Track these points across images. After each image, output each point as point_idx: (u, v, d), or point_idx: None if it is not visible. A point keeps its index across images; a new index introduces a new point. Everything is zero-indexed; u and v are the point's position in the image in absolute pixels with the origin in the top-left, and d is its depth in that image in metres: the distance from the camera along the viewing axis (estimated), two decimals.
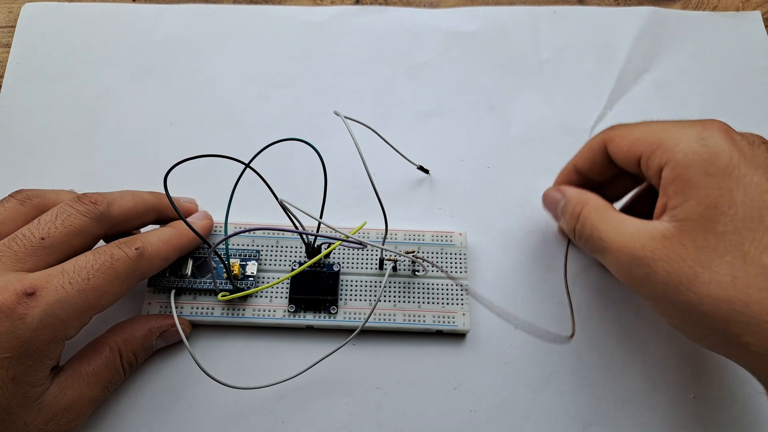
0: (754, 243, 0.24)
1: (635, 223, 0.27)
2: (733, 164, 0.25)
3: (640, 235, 0.27)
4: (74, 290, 0.26)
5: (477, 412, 0.33)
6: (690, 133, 0.27)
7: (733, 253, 0.24)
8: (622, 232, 0.27)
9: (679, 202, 0.26)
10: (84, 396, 0.29)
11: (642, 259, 0.26)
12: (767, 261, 0.24)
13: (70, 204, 0.29)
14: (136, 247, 0.29)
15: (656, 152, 0.27)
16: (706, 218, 0.25)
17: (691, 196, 0.25)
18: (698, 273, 0.24)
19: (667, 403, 0.33)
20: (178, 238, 0.32)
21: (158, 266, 0.31)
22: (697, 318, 0.25)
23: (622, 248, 0.27)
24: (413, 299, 0.34)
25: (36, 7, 0.43)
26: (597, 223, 0.29)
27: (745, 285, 0.24)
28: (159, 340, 0.32)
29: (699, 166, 0.25)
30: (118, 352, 0.31)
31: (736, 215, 0.24)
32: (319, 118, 0.41)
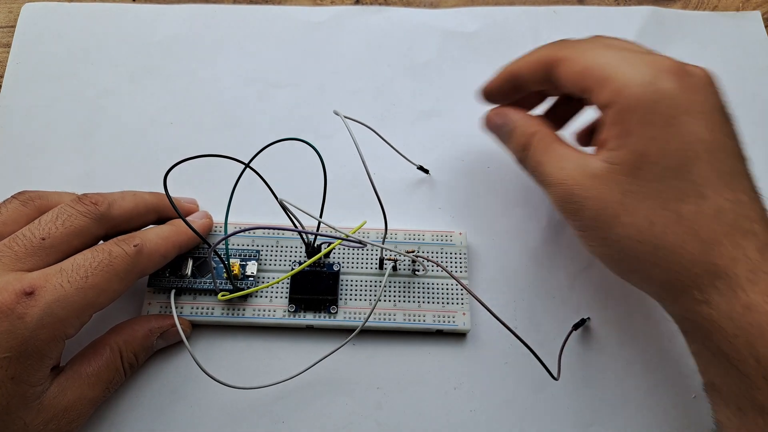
0: (675, 191, 0.25)
1: (574, 158, 0.29)
2: (673, 113, 0.26)
3: (576, 171, 0.28)
4: (73, 289, 0.26)
5: (477, 412, 0.33)
6: (639, 72, 0.26)
7: (654, 199, 0.26)
8: (563, 167, 0.29)
9: (615, 146, 0.27)
10: (84, 396, 0.29)
11: (575, 195, 0.28)
12: (684, 209, 0.25)
13: (70, 204, 0.29)
14: (134, 244, 0.29)
15: (603, 90, 0.27)
16: (635, 165, 0.26)
17: (626, 143, 0.26)
18: (620, 215, 0.26)
19: (667, 403, 0.33)
20: (177, 236, 0.32)
21: (157, 263, 0.31)
22: (616, 254, 0.27)
23: (560, 183, 0.28)
24: (413, 299, 0.34)
25: (36, 7, 0.43)
26: (541, 156, 0.30)
27: (660, 230, 0.26)
28: (159, 341, 0.32)
29: (642, 113, 0.26)
30: (118, 352, 0.31)
31: (664, 164, 0.26)
32: (319, 118, 0.41)
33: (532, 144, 0.31)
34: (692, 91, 0.26)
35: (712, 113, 0.26)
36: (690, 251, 0.25)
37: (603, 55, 0.28)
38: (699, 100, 0.26)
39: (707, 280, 0.25)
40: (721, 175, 0.25)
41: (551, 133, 0.31)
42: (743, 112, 0.41)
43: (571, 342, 0.34)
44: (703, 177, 0.25)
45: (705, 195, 0.25)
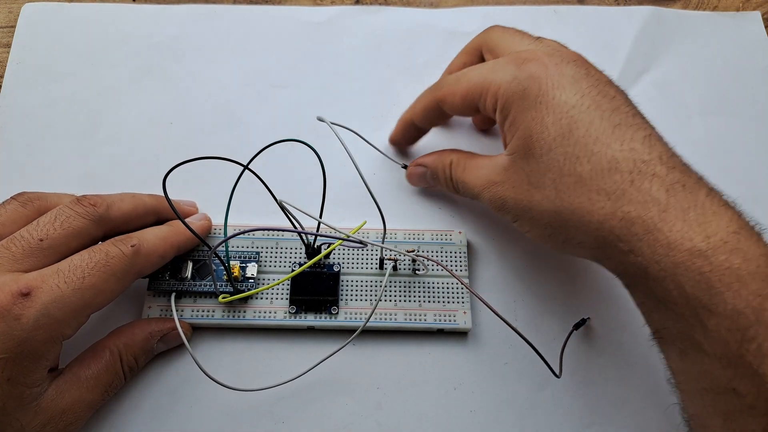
0: (567, 156, 0.27)
1: (486, 162, 0.32)
2: (542, 92, 0.28)
3: (490, 174, 0.31)
4: (69, 289, 0.26)
5: (477, 412, 0.33)
6: (506, 72, 0.30)
7: (553, 170, 0.28)
8: (479, 175, 0.32)
9: (510, 137, 0.30)
10: (82, 399, 0.29)
11: (496, 194, 0.31)
12: (580, 170, 0.27)
13: (69, 206, 0.29)
14: (132, 244, 0.29)
15: (486, 98, 0.30)
16: (526, 147, 0.29)
17: (515, 132, 0.29)
18: (532, 193, 0.29)
19: (667, 403, 0.33)
20: (175, 236, 0.32)
21: (155, 263, 0.31)
22: (545, 231, 0.29)
23: (483, 189, 0.31)
24: (414, 298, 0.34)
25: (36, 7, 0.43)
26: (461, 176, 0.33)
27: (568, 196, 0.27)
28: (160, 344, 0.32)
29: (516, 103, 0.29)
30: (118, 355, 0.31)
31: (549, 136, 0.28)
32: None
33: (451, 173, 0.34)
34: (554, 69, 0.29)
35: (577, 81, 0.28)
36: (601, 207, 0.26)
37: (472, 73, 0.32)
38: (562, 73, 0.28)
39: (625, 230, 0.26)
40: (605, 130, 0.27)
41: (464, 154, 0.34)
42: (743, 112, 0.42)
43: (571, 342, 0.34)
44: (587, 136, 0.27)
45: (595, 152, 0.26)
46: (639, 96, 0.41)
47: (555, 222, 0.28)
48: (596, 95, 0.28)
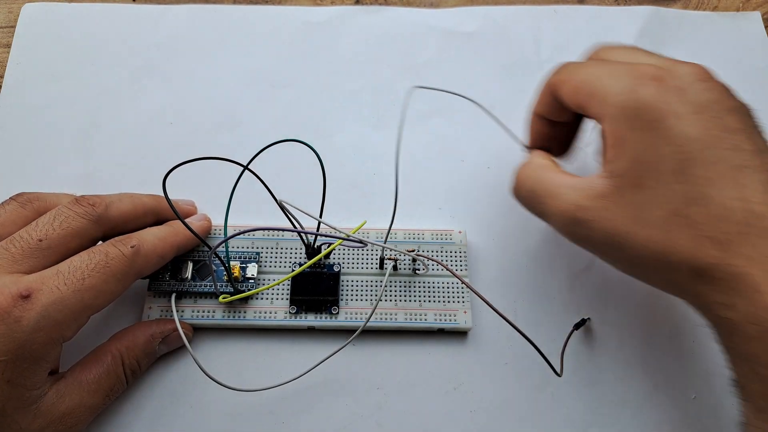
0: (681, 196, 0.25)
1: (573, 183, 0.28)
2: (659, 117, 0.26)
3: (578, 196, 0.27)
4: (69, 291, 0.26)
5: (477, 412, 0.33)
6: (621, 82, 0.27)
7: (664, 207, 0.25)
8: (560, 194, 0.28)
9: (614, 157, 0.27)
10: (83, 404, 0.28)
11: (581, 220, 0.27)
12: (693, 213, 0.25)
13: (68, 206, 0.29)
14: (131, 245, 0.29)
15: (592, 104, 0.28)
16: (636, 174, 0.26)
17: (623, 151, 0.26)
18: (635, 230, 0.26)
19: (667, 404, 0.33)
20: (174, 236, 0.32)
21: (155, 264, 0.31)
22: (637, 268, 0.27)
23: (562, 211, 0.28)
24: (414, 298, 0.34)
25: (36, 7, 0.43)
26: (532, 184, 0.30)
27: (676, 238, 0.25)
28: (162, 346, 0.32)
29: (628, 121, 0.26)
30: (120, 359, 0.30)
31: (664, 168, 0.25)
32: (319, 118, 0.41)
33: (521, 173, 0.31)
34: (675, 93, 0.26)
35: (701, 110, 0.26)
36: (706, 254, 0.24)
37: (591, 70, 0.29)
38: (684, 100, 0.26)
39: (727, 284, 0.24)
40: (723, 173, 0.25)
41: (547, 162, 0.31)
42: None
43: (571, 342, 0.34)
44: (703, 178, 0.25)
45: (709, 196, 0.25)
46: None
47: (655, 263, 0.26)
48: (718, 131, 0.25)
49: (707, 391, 0.33)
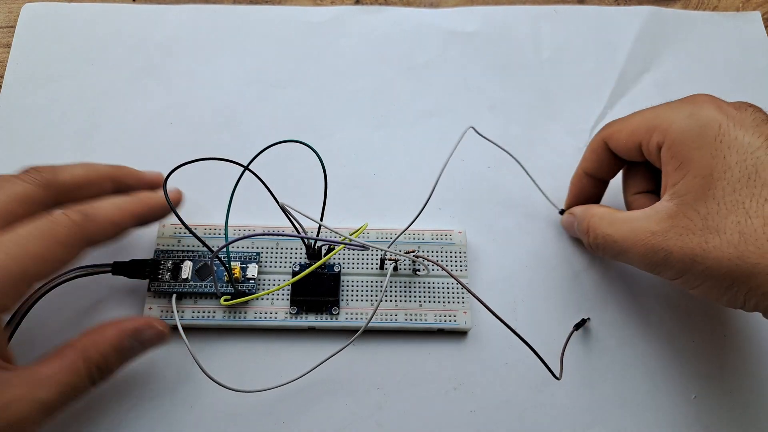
0: (754, 198, 0.25)
1: (639, 215, 0.29)
2: (722, 131, 0.27)
3: (648, 223, 0.28)
4: (9, 258, 0.25)
5: (477, 412, 0.33)
6: (681, 111, 0.28)
7: (736, 212, 0.25)
8: (632, 228, 0.29)
9: (679, 178, 0.27)
10: (32, 397, 0.25)
11: (656, 246, 0.27)
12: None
13: (14, 174, 0.28)
14: (82, 211, 0.28)
15: (653, 136, 0.29)
16: (704, 187, 0.26)
17: (688, 170, 0.27)
18: (708, 239, 0.26)
19: (668, 404, 0.33)
20: (135, 205, 0.30)
21: (110, 232, 0.29)
22: (722, 283, 0.26)
23: (636, 243, 0.28)
24: (414, 298, 0.34)
25: (36, 7, 0.43)
26: (605, 229, 0.31)
27: (754, 238, 0.25)
28: (135, 343, 0.29)
29: (692, 140, 0.27)
30: (83, 354, 0.27)
31: (732, 177, 0.26)
32: (319, 119, 0.41)
33: (593, 224, 0.32)
34: (733, 111, 0.27)
35: (759, 125, 0.27)
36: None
37: (644, 113, 0.30)
38: (742, 116, 0.27)
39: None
40: None
41: (609, 208, 0.32)
42: None
43: (571, 342, 0.34)
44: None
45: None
46: (639, 96, 0.42)
47: (736, 271, 0.25)
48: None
49: (707, 392, 0.33)
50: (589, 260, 0.37)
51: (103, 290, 0.34)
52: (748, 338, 0.35)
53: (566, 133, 0.41)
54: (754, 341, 0.35)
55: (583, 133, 0.41)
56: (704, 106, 0.28)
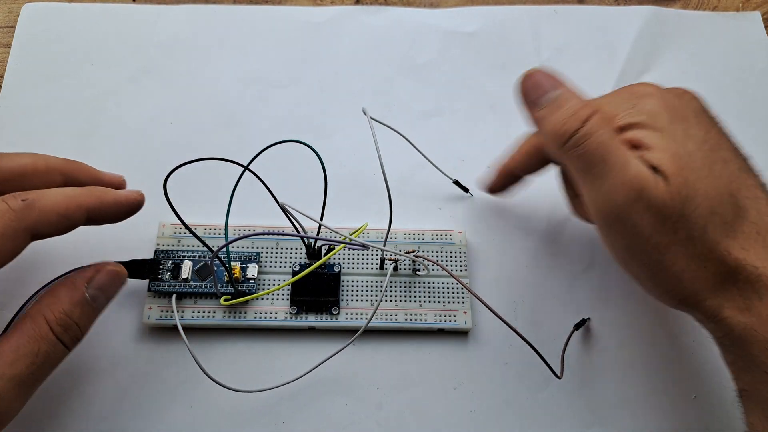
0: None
1: (639, 162, 0.25)
2: (687, 115, 0.26)
3: (648, 175, 0.25)
4: None
5: (477, 412, 0.33)
6: (624, 104, 0.27)
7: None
8: (628, 164, 0.25)
9: (647, 154, 0.25)
10: (2, 375, 0.24)
11: (647, 201, 0.24)
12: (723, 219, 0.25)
13: None
14: (23, 198, 0.26)
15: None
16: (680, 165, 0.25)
17: (655, 146, 0.25)
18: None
19: (668, 404, 0.33)
20: (84, 196, 0.28)
21: (55, 223, 0.27)
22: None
23: (625, 183, 0.24)
24: (415, 298, 0.34)
25: (36, 7, 0.43)
26: (608, 140, 0.25)
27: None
28: (97, 293, 0.28)
29: (657, 117, 0.26)
30: (42, 318, 0.26)
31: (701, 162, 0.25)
32: (319, 119, 0.41)
33: (597, 123, 0.25)
34: (674, 102, 0.27)
35: (699, 115, 0.27)
36: (737, 255, 0.25)
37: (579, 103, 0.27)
38: (682, 106, 0.27)
39: (749, 285, 0.25)
40: (732, 173, 0.26)
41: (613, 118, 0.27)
42: (742, 113, 0.42)
43: (571, 342, 0.34)
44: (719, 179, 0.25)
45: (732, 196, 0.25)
46: None
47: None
48: (718, 135, 0.27)
49: (707, 392, 0.33)
50: (590, 260, 0.37)
51: None
52: None
53: None
54: None
55: None
56: (646, 100, 0.27)
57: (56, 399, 0.32)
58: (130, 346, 0.33)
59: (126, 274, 0.30)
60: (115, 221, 0.30)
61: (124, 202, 0.30)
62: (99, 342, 0.33)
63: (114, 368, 0.33)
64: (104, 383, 0.32)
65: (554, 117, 0.26)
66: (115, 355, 0.33)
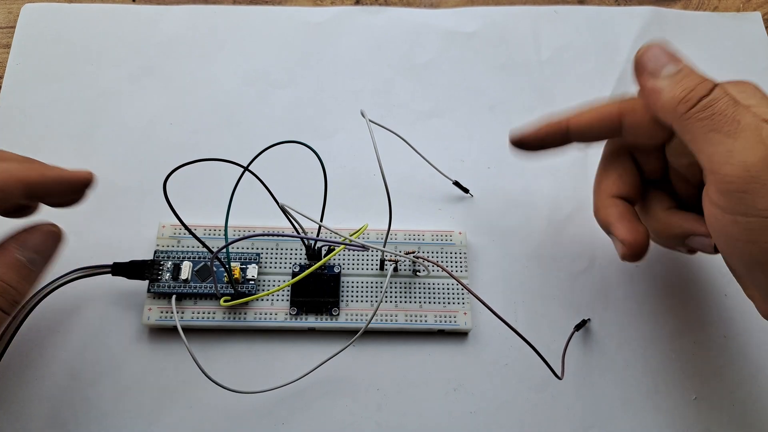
0: None
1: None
2: None
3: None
4: None
5: (477, 413, 0.33)
6: (740, 89, 0.26)
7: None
8: (761, 127, 0.24)
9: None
10: None
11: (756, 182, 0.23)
12: None
13: None
14: None
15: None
16: None
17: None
18: None
19: (668, 405, 0.33)
20: (21, 170, 0.26)
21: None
22: None
23: (761, 142, 0.23)
24: (415, 299, 0.34)
25: (36, 7, 0.43)
26: (736, 105, 0.25)
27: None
28: (30, 254, 0.26)
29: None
30: None
31: None
32: (319, 119, 0.41)
33: (719, 92, 0.25)
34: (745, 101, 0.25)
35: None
36: None
37: None
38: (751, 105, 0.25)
39: None
40: None
41: None
42: None
43: (572, 343, 0.34)
44: None
45: None
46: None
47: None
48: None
49: (708, 392, 0.33)
50: (590, 261, 0.37)
51: (102, 291, 0.34)
52: (749, 339, 0.35)
53: None
54: (754, 342, 0.35)
55: None
56: (754, 89, 0.26)
57: (56, 399, 0.32)
58: (129, 347, 0.33)
59: (62, 234, 0.28)
60: (65, 202, 0.29)
61: (68, 177, 0.28)
62: (99, 343, 0.33)
63: (114, 369, 0.33)
64: (104, 384, 0.32)
65: (679, 84, 0.26)
66: (115, 356, 0.33)
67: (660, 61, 0.27)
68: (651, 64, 0.28)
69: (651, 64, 0.28)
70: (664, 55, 0.28)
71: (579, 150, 0.38)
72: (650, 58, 0.28)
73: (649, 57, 0.28)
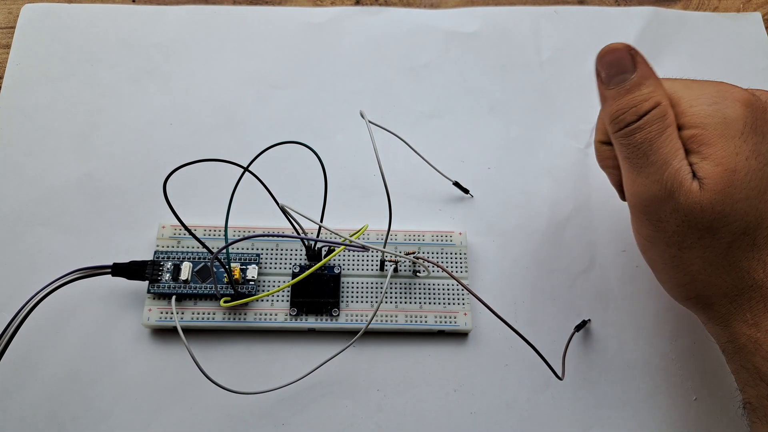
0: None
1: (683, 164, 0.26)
2: (746, 131, 0.25)
3: (685, 179, 0.25)
4: None
5: (477, 414, 0.33)
6: (706, 99, 0.26)
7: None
8: (668, 164, 0.26)
9: (696, 161, 0.26)
10: None
11: (676, 204, 0.25)
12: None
13: None
14: None
15: (675, 112, 0.27)
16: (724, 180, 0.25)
17: (707, 155, 0.25)
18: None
19: (668, 405, 0.33)
20: None
21: None
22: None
23: (658, 182, 0.26)
24: (415, 300, 0.34)
25: (36, 8, 0.43)
26: (655, 137, 0.26)
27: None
28: None
29: (713, 127, 0.25)
30: None
31: (751, 184, 0.25)
32: (319, 119, 0.41)
33: (649, 118, 0.26)
34: (758, 112, 0.26)
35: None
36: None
37: (667, 84, 0.28)
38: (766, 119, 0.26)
39: (762, 303, 0.25)
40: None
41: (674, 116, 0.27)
42: None
43: (571, 344, 0.34)
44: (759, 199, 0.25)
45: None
46: None
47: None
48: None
49: (708, 393, 0.33)
50: (590, 261, 0.37)
51: (102, 292, 0.34)
52: None
53: (566, 133, 0.41)
54: None
55: (584, 133, 0.41)
56: (729, 99, 0.26)
57: (56, 400, 0.32)
58: (129, 348, 0.33)
59: None
60: None
61: None
62: (99, 343, 0.33)
63: (113, 369, 0.33)
64: (104, 384, 0.32)
65: (617, 102, 0.27)
66: (115, 356, 0.33)
67: (614, 69, 0.27)
68: (605, 71, 0.28)
69: (605, 71, 0.28)
70: (623, 60, 0.27)
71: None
72: (605, 64, 0.28)
73: (604, 62, 0.28)
